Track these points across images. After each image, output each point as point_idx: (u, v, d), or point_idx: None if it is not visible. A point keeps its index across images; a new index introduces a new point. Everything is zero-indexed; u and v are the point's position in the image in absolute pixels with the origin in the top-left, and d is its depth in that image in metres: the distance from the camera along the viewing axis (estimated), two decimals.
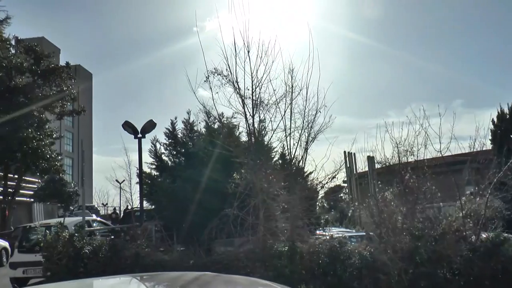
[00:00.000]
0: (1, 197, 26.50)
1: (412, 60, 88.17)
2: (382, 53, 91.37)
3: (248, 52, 9.84)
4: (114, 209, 35.04)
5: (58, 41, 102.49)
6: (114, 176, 31.10)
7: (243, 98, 9.95)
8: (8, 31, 33.91)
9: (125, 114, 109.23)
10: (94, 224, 13.60)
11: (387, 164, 11.15)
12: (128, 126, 10.52)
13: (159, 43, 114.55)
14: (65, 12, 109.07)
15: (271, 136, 10.48)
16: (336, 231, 14.95)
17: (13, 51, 29.16)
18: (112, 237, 10.78)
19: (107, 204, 37.06)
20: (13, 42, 29.95)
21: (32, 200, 31.15)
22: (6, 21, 51.78)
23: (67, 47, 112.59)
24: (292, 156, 10.68)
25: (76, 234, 9.11)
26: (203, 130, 12.14)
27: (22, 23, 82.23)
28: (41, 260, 9.79)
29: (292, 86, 10.21)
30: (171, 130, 12.37)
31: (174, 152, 12.12)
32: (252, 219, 9.37)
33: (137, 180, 11.37)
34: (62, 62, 36.10)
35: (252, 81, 9.95)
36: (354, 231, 18.33)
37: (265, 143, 10.87)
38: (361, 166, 28.46)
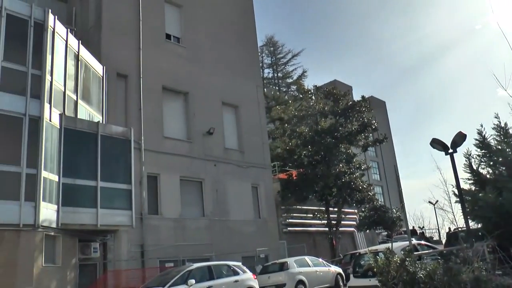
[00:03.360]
0: (327, 228, 29.54)
1: None
2: None
3: None
4: (422, 232, 34.09)
5: (348, 80, 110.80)
6: (432, 197, 30.36)
7: None
8: (306, 82, 38.74)
9: (421, 134, 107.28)
10: (418, 247, 13.41)
11: None
12: (436, 143, 10.16)
13: (439, 54, 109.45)
14: (348, 53, 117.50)
15: None
16: None
17: (313, 98, 32.94)
18: (441, 260, 10.38)
19: (423, 227, 36.16)
20: (312, 90, 33.95)
21: (352, 229, 33.48)
22: (303, 75, 59.62)
23: (357, 83, 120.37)
24: None
25: (407, 259, 9.17)
26: None
27: (315, 72, 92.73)
28: (375, 285, 10.21)
29: None
30: (480, 139, 11.32)
31: (491, 163, 10.98)
32: None
33: (455, 198, 10.76)
34: (355, 98, 38.56)
35: None
36: None
37: None
38: None
